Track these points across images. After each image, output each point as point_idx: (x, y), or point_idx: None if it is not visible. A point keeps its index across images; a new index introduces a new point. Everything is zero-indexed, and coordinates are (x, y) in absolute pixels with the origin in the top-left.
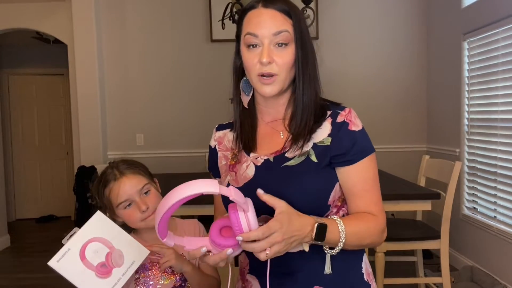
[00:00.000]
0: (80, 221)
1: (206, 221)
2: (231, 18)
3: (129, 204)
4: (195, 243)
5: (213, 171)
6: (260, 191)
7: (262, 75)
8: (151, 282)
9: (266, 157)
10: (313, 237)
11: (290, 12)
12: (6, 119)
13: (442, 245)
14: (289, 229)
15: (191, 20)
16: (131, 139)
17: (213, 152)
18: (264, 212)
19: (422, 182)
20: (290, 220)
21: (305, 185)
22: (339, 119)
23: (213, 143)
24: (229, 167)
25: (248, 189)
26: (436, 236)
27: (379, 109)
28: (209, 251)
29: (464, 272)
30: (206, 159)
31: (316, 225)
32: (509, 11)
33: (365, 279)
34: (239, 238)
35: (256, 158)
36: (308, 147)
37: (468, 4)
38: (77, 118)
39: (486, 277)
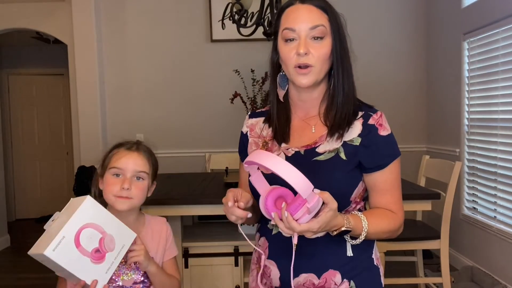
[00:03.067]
0: None
1: (205, 219)
2: (231, 18)
3: (118, 175)
4: (260, 186)
5: (241, 155)
6: (317, 191)
7: (299, 67)
8: (117, 276)
9: (297, 149)
10: (334, 235)
11: (326, 7)
12: (6, 119)
13: (442, 245)
14: (328, 226)
15: (191, 20)
16: (131, 139)
17: (244, 138)
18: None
19: (422, 182)
20: (332, 219)
21: (332, 180)
22: (371, 121)
23: (245, 129)
24: None
25: (277, 177)
26: (436, 236)
27: (379, 109)
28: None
29: (464, 272)
30: (206, 159)
31: (343, 229)
32: (509, 11)
33: (375, 263)
34: (285, 214)
35: (287, 149)
36: (338, 144)
37: (468, 4)
38: (77, 118)
39: (486, 277)
